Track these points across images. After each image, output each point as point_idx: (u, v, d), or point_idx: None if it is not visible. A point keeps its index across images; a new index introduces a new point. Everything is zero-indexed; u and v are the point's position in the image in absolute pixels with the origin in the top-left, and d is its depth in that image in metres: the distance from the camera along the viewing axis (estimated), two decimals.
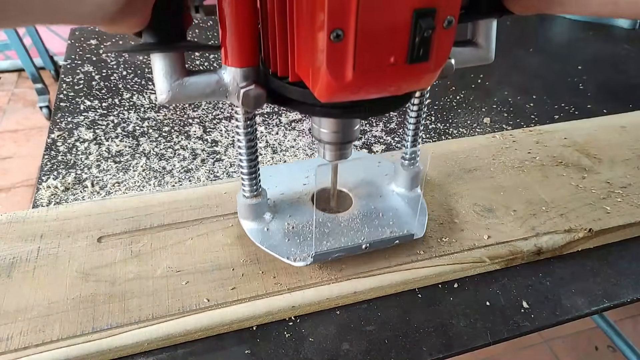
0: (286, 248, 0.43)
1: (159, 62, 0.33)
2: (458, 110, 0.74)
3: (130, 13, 0.27)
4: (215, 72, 0.35)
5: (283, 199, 0.49)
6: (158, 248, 0.45)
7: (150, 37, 0.31)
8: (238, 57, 0.34)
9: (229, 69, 0.35)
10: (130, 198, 0.51)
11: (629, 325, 1.41)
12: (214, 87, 0.35)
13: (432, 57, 0.28)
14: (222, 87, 0.35)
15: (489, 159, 0.59)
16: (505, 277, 0.47)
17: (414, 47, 0.27)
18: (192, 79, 0.35)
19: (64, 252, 0.45)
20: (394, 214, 0.47)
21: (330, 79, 0.28)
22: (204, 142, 0.65)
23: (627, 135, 0.64)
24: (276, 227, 0.45)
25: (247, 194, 0.45)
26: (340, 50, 0.26)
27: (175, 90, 0.34)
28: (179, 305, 0.40)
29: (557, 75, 0.86)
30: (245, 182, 0.44)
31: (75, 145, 0.64)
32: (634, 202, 0.53)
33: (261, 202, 0.45)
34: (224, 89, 0.35)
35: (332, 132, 0.39)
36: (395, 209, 0.48)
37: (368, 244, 0.44)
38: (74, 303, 0.40)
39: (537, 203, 0.52)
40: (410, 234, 0.45)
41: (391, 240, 0.45)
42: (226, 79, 0.35)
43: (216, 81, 0.35)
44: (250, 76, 0.35)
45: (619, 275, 0.47)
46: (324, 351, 0.40)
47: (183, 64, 0.34)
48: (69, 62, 0.85)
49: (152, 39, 0.31)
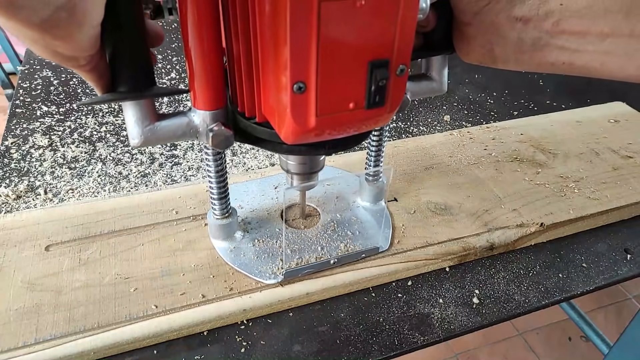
0: (257, 266, 0.44)
1: (131, 109, 0.34)
2: (419, 109, 0.75)
3: (56, 26, 0.26)
4: (185, 115, 0.36)
5: (253, 217, 0.49)
6: (107, 255, 0.45)
7: (121, 86, 0.32)
8: (206, 101, 0.35)
9: (198, 112, 0.35)
10: (80, 205, 0.50)
11: (600, 316, 1.44)
12: (184, 129, 0.36)
13: (388, 102, 0.30)
14: (192, 129, 0.36)
15: (446, 156, 0.59)
16: (459, 273, 0.47)
17: (370, 95, 0.29)
18: (163, 123, 0.35)
19: (9, 262, 0.44)
20: (360, 228, 0.48)
21: (295, 125, 0.29)
22: (162, 146, 0.64)
23: (582, 130, 0.66)
24: (247, 245, 0.46)
25: (218, 215, 0.45)
26: (303, 100, 0.28)
27: (147, 134, 0.35)
28: (126, 313, 0.40)
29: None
30: (216, 204, 0.44)
31: (30, 152, 0.62)
32: (587, 195, 0.54)
33: (231, 221, 0.45)
34: (194, 131, 0.36)
35: (299, 163, 0.40)
36: (360, 223, 0.49)
37: (336, 259, 0.45)
38: (16, 314, 0.39)
39: (491, 199, 0.53)
40: (375, 247, 0.46)
41: (358, 254, 0.46)
42: (196, 121, 0.36)
43: (186, 123, 0.36)
44: (218, 117, 0.36)
45: (570, 268, 0.48)
46: (275, 354, 0.40)
47: (154, 109, 0.35)
48: (27, 67, 0.83)
49: (122, 88, 0.32)
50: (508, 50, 0.36)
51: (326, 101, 0.29)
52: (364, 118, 0.31)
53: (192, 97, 0.35)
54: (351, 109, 0.30)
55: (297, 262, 0.44)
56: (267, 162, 0.62)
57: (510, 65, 0.37)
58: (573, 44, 0.34)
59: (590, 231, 0.53)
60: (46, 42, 0.26)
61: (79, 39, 0.27)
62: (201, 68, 0.33)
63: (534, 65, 0.36)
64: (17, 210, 0.53)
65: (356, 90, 0.29)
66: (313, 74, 0.27)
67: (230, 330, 0.41)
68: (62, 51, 0.27)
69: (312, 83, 0.28)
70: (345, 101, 0.29)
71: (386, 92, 0.30)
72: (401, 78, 0.30)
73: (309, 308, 0.43)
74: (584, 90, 0.81)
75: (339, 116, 0.30)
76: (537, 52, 0.35)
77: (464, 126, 0.70)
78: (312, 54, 0.26)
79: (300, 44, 0.26)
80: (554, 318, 1.42)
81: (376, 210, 0.50)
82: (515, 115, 0.73)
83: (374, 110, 0.30)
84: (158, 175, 0.59)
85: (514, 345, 1.35)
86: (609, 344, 1.16)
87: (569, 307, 1.28)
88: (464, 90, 0.80)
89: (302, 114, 0.29)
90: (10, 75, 2.14)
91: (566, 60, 0.35)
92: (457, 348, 1.33)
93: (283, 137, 0.31)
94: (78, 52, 0.28)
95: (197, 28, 0.31)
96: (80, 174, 0.59)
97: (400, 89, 0.31)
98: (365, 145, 0.65)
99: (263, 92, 0.31)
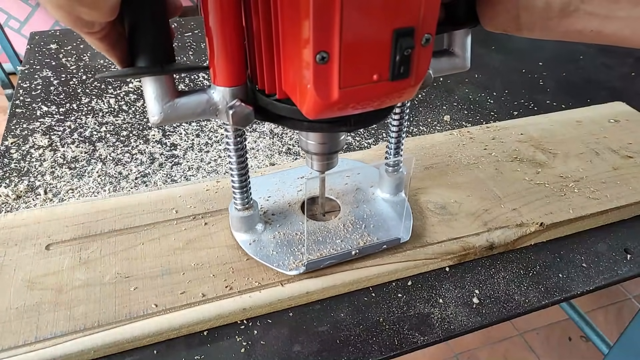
0: (279, 258, 0.44)
1: (150, 86, 0.34)
2: (419, 109, 0.75)
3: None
4: (204, 92, 0.36)
5: (274, 209, 0.49)
6: (108, 254, 0.45)
7: (141, 61, 0.32)
8: (226, 77, 0.34)
9: (218, 89, 0.35)
10: (81, 204, 0.50)
11: (600, 316, 1.44)
12: (204, 106, 0.36)
13: (413, 73, 0.30)
14: (212, 106, 0.36)
15: (446, 156, 0.59)
16: (458, 273, 0.47)
17: (395, 65, 0.29)
18: (182, 99, 0.35)
19: (10, 261, 0.44)
20: (380, 219, 0.48)
21: (317, 99, 0.29)
22: (162, 146, 0.65)
23: (582, 130, 0.65)
24: (268, 237, 0.46)
25: (239, 207, 0.45)
26: (326, 71, 0.28)
27: (167, 111, 0.35)
28: (126, 312, 0.40)
29: (517, 72, 0.87)
30: (237, 195, 0.44)
31: (30, 152, 0.62)
32: (587, 195, 0.54)
33: (253, 214, 0.46)
34: (214, 108, 0.36)
35: (319, 143, 0.40)
36: (380, 214, 0.49)
37: (357, 250, 0.45)
38: (17, 313, 0.39)
39: (491, 199, 0.53)
40: (397, 238, 0.46)
41: (379, 245, 0.46)
42: (215, 98, 0.36)
43: (206, 100, 0.36)
44: (238, 94, 0.35)
45: (570, 268, 0.48)
46: (275, 353, 0.40)
47: (174, 85, 0.35)
48: (27, 67, 0.83)
49: (143, 62, 0.32)
50: (535, 16, 0.34)
51: (349, 72, 0.28)
52: (388, 90, 0.30)
53: (212, 74, 0.35)
54: (375, 80, 0.29)
55: (318, 254, 0.44)
56: (267, 162, 0.62)
57: (536, 32, 0.36)
58: (603, 10, 0.32)
59: (590, 231, 0.53)
60: (73, 7, 0.26)
61: (103, 4, 0.27)
62: (221, 43, 0.32)
63: (560, 34, 0.35)
64: (16, 210, 0.53)
65: (380, 60, 0.28)
66: (336, 42, 0.26)
67: (230, 329, 0.41)
68: (84, 16, 0.27)
69: (335, 52, 0.27)
70: (369, 72, 0.28)
71: (411, 63, 0.29)
72: (426, 48, 0.29)
73: (309, 308, 0.44)
74: (584, 90, 0.81)
75: (362, 88, 0.29)
76: (565, 19, 0.34)
77: (464, 126, 0.70)
78: (336, 21, 0.26)
79: (323, 10, 0.25)
80: (554, 318, 1.41)
81: (396, 202, 0.50)
82: (515, 115, 0.73)
83: (398, 82, 0.30)
84: (158, 175, 0.59)
85: (514, 345, 1.35)
86: (609, 344, 1.16)
87: (569, 307, 1.28)
88: (464, 90, 0.80)
89: (324, 86, 0.28)
90: (10, 75, 2.15)
91: (595, 27, 0.33)
92: (457, 348, 1.33)
93: (305, 111, 0.30)
94: (98, 17, 0.28)
95: (217, 2, 0.31)
96: (80, 174, 0.59)
97: (426, 60, 0.30)
98: (382, 138, 0.65)
99: (284, 66, 0.31)
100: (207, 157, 0.62)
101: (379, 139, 0.66)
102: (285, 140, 0.66)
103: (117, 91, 0.77)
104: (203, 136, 0.66)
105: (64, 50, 0.89)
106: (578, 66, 0.90)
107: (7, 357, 0.36)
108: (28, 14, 2.48)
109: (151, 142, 0.65)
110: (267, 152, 0.64)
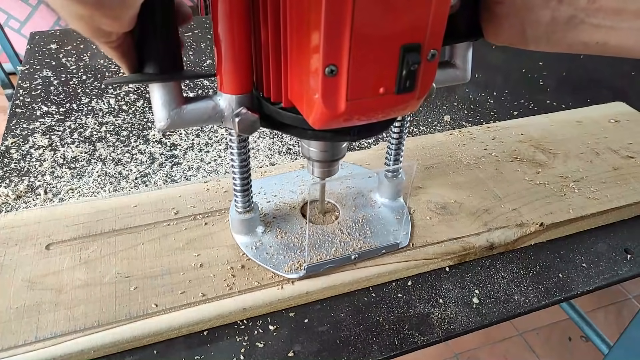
0: (279, 261, 0.44)
1: (158, 92, 0.34)
2: (419, 109, 0.75)
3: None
4: (210, 99, 0.36)
5: (274, 212, 0.50)
6: (108, 254, 0.45)
7: (150, 67, 0.32)
8: (233, 85, 0.35)
9: (224, 96, 0.36)
10: (81, 204, 0.50)
11: (600, 316, 1.44)
12: (210, 113, 0.36)
13: (418, 87, 0.30)
14: (218, 113, 0.36)
15: (446, 156, 0.59)
16: (458, 273, 0.47)
17: (401, 80, 0.29)
18: (189, 106, 0.35)
19: (10, 260, 0.44)
20: (379, 224, 0.49)
21: (324, 110, 0.29)
22: (162, 145, 0.65)
23: (582, 130, 0.66)
24: (268, 240, 0.46)
25: (240, 209, 0.45)
26: (334, 83, 0.28)
27: (174, 117, 0.35)
28: (126, 312, 0.40)
29: (518, 71, 0.87)
30: (239, 198, 0.44)
31: (30, 152, 0.62)
32: (587, 195, 0.54)
33: (254, 216, 0.46)
34: (219, 115, 0.36)
35: (321, 151, 0.40)
36: (380, 219, 0.49)
37: (357, 255, 0.45)
38: (17, 313, 0.39)
39: (491, 198, 0.53)
40: (395, 243, 0.46)
41: (378, 250, 0.46)
42: (222, 105, 0.36)
43: (212, 107, 0.36)
44: (244, 102, 0.36)
45: (570, 268, 0.48)
46: (275, 354, 0.40)
47: (180, 92, 0.35)
48: (27, 67, 0.83)
49: (151, 69, 0.32)
50: (540, 30, 0.35)
51: (357, 85, 0.29)
52: (393, 103, 0.31)
53: (219, 81, 0.35)
54: (381, 93, 0.30)
55: (318, 257, 0.44)
56: (267, 162, 0.62)
57: (541, 46, 0.36)
58: (608, 22, 0.32)
59: (590, 231, 0.53)
60: (94, 19, 0.26)
61: (124, 17, 0.27)
62: (229, 51, 0.33)
63: (565, 46, 0.35)
64: (16, 210, 0.53)
65: (387, 74, 0.29)
66: (346, 56, 0.27)
67: (230, 329, 0.41)
68: (105, 27, 0.28)
69: (344, 66, 0.27)
70: (376, 85, 0.29)
71: (416, 77, 0.30)
72: (432, 63, 0.30)
73: (309, 308, 0.44)
74: (584, 90, 0.81)
75: (368, 101, 0.30)
76: (571, 32, 0.34)
77: (464, 126, 0.70)
78: (346, 36, 0.26)
79: (334, 24, 0.26)
80: (554, 318, 1.41)
81: (395, 207, 0.51)
82: (515, 115, 0.73)
83: (403, 95, 0.30)
84: (158, 175, 0.59)
85: (514, 345, 1.35)
86: (609, 344, 1.16)
87: (569, 307, 1.28)
88: (464, 90, 0.80)
89: (332, 98, 0.29)
90: (10, 75, 2.14)
91: (600, 39, 0.33)
92: (457, 348, 1.32)
93: (311, 122, 0.31)
94: (119, 28, 0.28)
95: (227, 11, 0.31)
96: (80, 174, 0.59)
97: (431, 75, 0.31)
98: (382, 138, 0.65)
99: (291, 76, 0.31)
100: (207, 157, 0.62)
101: (379, 139, 0.66)
102: (285, 140, 0.66)
103: (117, 91, 0.77)
104: (203, 136, 0.66)
105: (64, 50, 0.89)
106: (578, 66, 0.90)
107: (7, 357, 0.36)
108: (28, 14, 2.48)
109: (151, 142, 0.65)
110: (267, 152, 0.64)
